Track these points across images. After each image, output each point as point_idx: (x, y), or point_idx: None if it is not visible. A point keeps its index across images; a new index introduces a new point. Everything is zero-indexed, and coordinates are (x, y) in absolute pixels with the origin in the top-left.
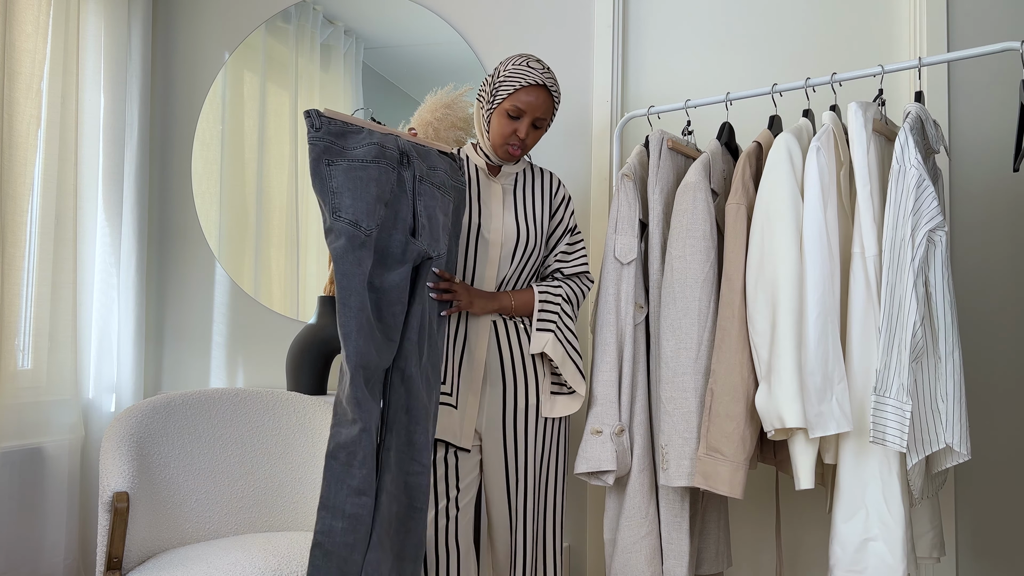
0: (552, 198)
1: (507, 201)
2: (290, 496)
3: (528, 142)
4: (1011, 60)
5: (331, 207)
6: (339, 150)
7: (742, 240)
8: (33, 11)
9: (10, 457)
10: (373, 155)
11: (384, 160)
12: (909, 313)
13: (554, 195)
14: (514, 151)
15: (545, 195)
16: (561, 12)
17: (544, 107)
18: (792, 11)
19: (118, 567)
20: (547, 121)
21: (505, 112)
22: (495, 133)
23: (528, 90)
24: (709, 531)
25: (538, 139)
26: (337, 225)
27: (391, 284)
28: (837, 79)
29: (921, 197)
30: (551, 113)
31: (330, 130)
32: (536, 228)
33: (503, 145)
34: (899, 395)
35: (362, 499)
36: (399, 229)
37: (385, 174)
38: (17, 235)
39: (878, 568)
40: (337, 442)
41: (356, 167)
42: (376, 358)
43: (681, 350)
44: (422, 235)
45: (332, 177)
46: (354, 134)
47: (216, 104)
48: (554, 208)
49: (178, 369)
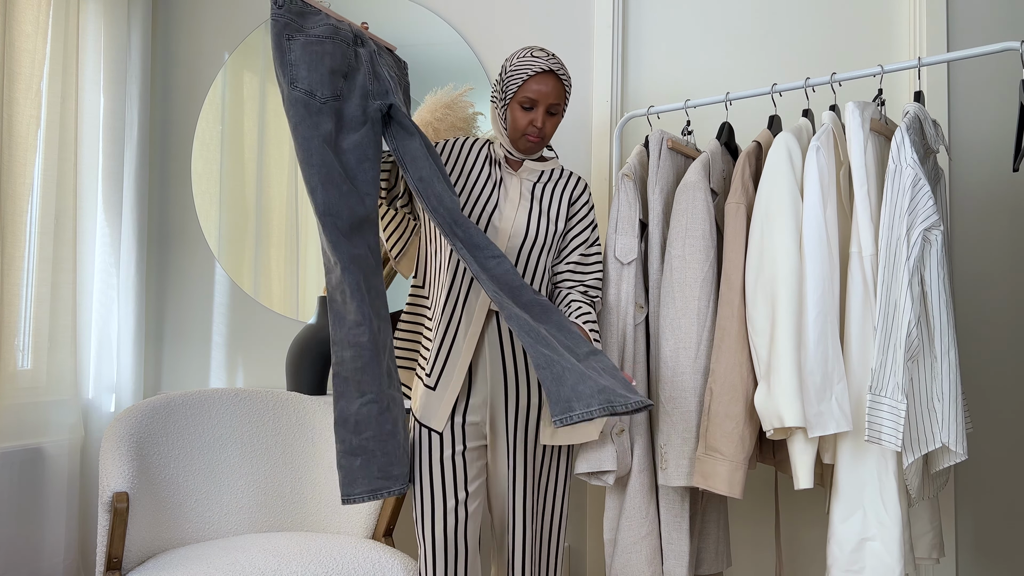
0: (572, 202)
1: (524, 196)
2: (290, 496)
3: (546, 130)
4: (1011, 60)
5: (289, 78)
6: (298, 27)
7: (741, 240)
8: (33, 11)
9: (10, 457)
10: (328, 33)
11: (338, 38)
12: (904, 312)
13: (574, 199)
14: (533, 140)
15: (564, 197)
16: (561, 12)
17: (556, 93)
18: (792, 11)
19: (118, 567)
20: (561, 107)
21: (519, 104)
22: (512, 127)
23: (536, 78)
24: (709, 531)
25: (555, 126)
26: (294, 94)
27: (353, 143)
28: (837, 79)
29: (916, 196)
30: (564, 98)
31: (291, 9)
32: (548, 229)
33: (521, 137)
34: (894, 394)
35: (360, 328)
36: (356, 94)
37: (340, 49)
38: (17, 235)
39: (876, 568)
40: (331, 285)
41: (312, 42)
42: (344, 206)
43: (680, 350)
44: (378, 94)
45: (290, 51)
46: (312, 15)
47: (216, 104)
48: (572, 212)
49: (178, 369)
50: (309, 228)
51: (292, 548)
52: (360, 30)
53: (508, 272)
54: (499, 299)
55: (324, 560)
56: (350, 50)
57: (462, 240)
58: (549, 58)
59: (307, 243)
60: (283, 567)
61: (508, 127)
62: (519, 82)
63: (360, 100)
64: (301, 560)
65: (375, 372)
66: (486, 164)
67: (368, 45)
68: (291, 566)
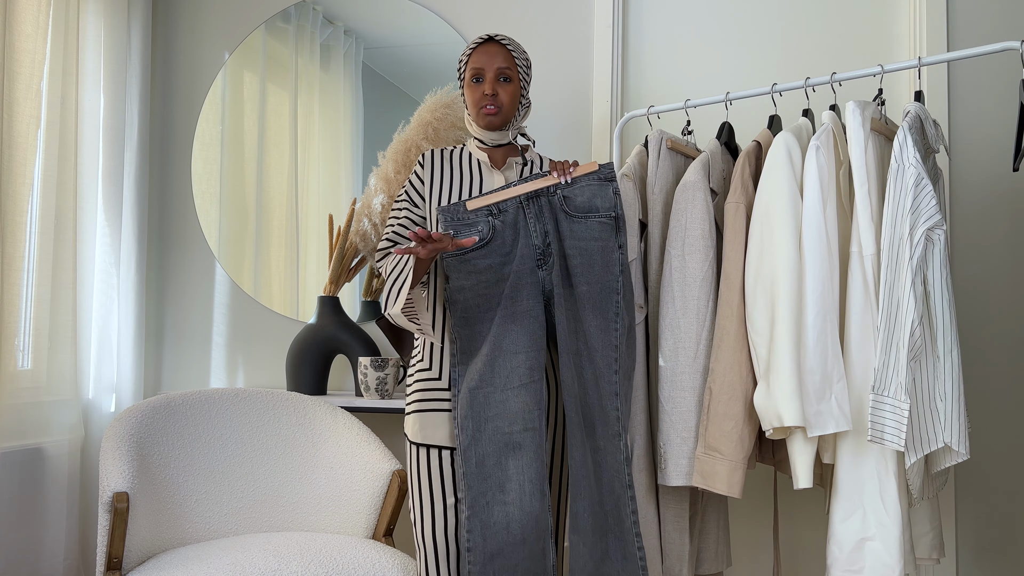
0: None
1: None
2: (290, 496)
3: (501, 98)
4: (1011, 60)
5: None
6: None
7: (741, 239)
8: (33, 11)
9: (10, 457)
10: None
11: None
12: (907, 312)
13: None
14: (489, 110)
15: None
16: (561, 12)
17: (500, 56)
18: (792, 11)
19: (118, 567)
20: (513, 71)
21: (470, 81)
22: (471, 106)
23: (479, 49)
24: (708, 531)
25: (512, 96)
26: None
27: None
28: (837, 79)
29: (919, 196)
30: (513, 62)
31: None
32: None
33: (479, 112)
34: (897, 394)
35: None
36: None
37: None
38: (17, 235)
39: (875, 568)
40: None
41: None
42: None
43: (679, 349)
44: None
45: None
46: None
47: (216, 104)
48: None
49: (178, 369)
50: (309, 228)
51: (292, 548)
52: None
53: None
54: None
55: (324, 560)
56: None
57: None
58: (491, 33)
59: (307, 243)
60: (283, 567)
61: (468, 109)
62: (466, 60)
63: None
64: (301, 560)
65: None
66: (468, 169)
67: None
68: (291, 566)
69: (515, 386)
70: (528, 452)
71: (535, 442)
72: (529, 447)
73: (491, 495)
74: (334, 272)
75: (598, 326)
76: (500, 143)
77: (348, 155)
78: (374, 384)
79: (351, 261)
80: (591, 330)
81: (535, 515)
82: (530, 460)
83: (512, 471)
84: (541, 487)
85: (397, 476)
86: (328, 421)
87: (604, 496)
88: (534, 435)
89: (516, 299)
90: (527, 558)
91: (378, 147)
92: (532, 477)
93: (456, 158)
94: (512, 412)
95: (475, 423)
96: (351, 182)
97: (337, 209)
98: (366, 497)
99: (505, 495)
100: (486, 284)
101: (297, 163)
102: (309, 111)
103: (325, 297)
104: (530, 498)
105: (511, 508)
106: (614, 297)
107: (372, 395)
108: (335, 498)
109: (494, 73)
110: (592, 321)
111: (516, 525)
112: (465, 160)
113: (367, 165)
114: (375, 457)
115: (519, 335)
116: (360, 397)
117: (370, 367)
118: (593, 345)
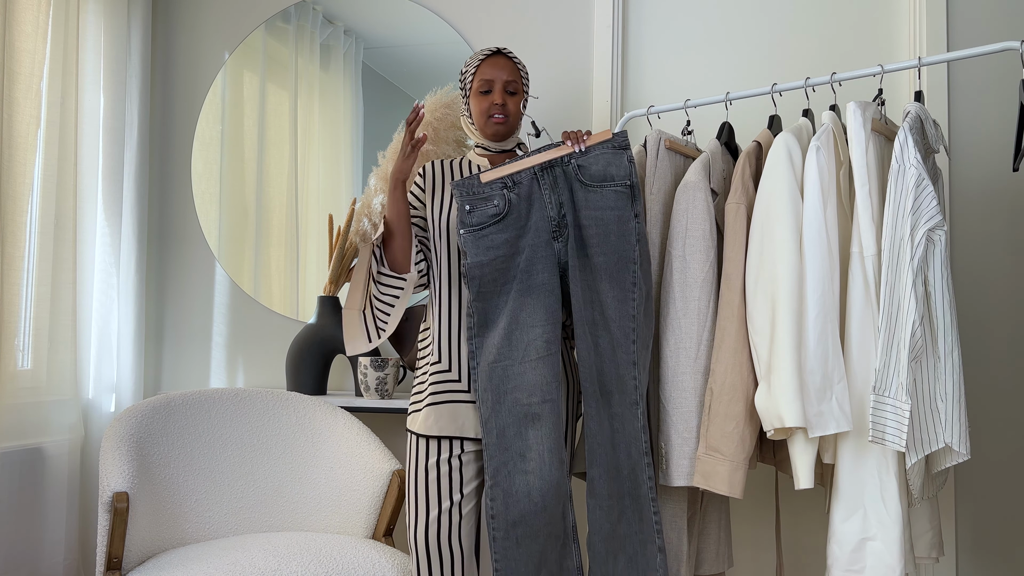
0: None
1: None
2: (290, 496)
3: (509, 108)
4: (1011, 60)
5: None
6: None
7: (741, 240)
8: (33, 11)
9: (10, 457)
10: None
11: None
12: (908, 312)
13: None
14: (498, 119)
15: None
16: (561, 12)
17: (508, 69)
18: (792, 11)
19: (118, 567)
20: (519, 85)
21: (477, 92)
22: (477, 116)
23: (488, 61)
24: (709, 531)
25: (518, 107)
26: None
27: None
28: (837, 79)
29: (920, 196)
30: (519, 77)
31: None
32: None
33: (488, 121)
34: (898, 394)
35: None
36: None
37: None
38: (17, 235)
39: (876, 567)
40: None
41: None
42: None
43: (680, 350)
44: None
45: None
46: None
47: (216, 104)
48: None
49: (178, 369)
50: (309, 228)
51: (292, 548)
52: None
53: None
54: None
55: (324, 560)
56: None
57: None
58: (496, 47)
59: (307, 243)
60: (283, 567)
61: (474, 119)
62: (473, 71)
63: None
64: (301, 560)
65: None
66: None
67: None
68: (291, 566)
69: (532, 359)
70: (547, 423)
71: (554, 413)
72: (548, 418)
73: (512, 465)
74: (334, 272)
75: (615, 296)
76: (505, 148)
77: (348, 155)
78: (374, 384)
79: (351, 261)
80: (608, 300)
81: (555, 483)
82: (549, 430)
83: (532, 441)
84: (560, 456)
85: (397, 476)
86: (328, 421)
87: (621, 461)
88: (552, 406)
89: (532, 272)
90: (548, 523)
91: (378, 147)
92: (551, 447)
93: (457, 169)
94: (530, 384)
95: (494, 395)
96: (351, 182)
97: (337, 209)
98: (366, 497)
99: (526, 464)
100: (503, 259)
101: (297, 163)
102: (309, 111)
103: (325, 297)
104: (549, 467)
105: (531, 477)
106: (631, 267)
107: (372, 395)
108: (335, 498)
109: (502, 85)
110: (609, 292)
111: (537, 493)
112: (466, 169)
113: (367, 165)
114: (375, 457)
115: (536, 308)
116: (360, 397)
117: (370, 367)
118: (610, 315)
